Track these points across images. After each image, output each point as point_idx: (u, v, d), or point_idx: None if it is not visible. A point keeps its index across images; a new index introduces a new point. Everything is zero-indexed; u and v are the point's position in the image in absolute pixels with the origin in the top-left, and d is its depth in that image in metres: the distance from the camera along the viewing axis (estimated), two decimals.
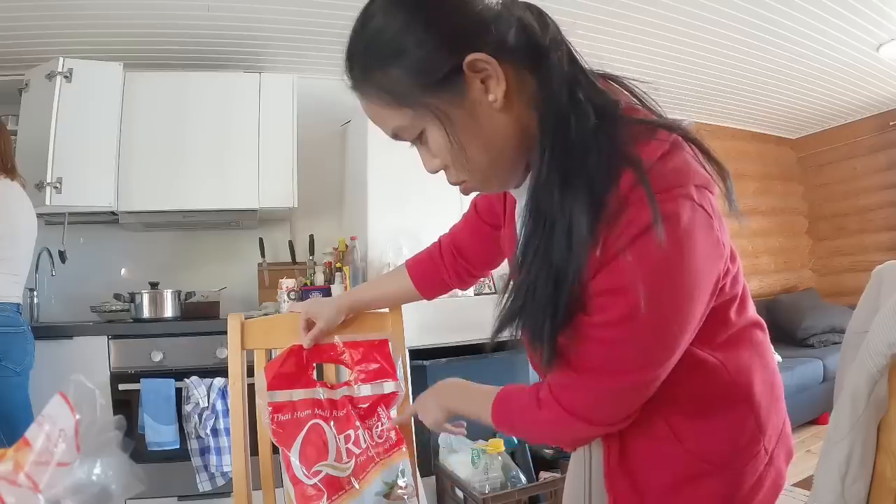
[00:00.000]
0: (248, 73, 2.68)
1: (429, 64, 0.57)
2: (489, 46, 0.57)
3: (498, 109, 0.60)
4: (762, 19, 2.71)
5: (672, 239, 0.56)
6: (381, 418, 1.02)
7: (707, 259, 0.60)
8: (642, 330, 0.60)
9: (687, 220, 0.57)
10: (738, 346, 0.72)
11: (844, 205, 4.57)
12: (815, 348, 3.66)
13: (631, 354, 0.62)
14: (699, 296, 0.61)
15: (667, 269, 0.57)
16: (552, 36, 0.64)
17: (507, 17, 0.61)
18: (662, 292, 0.58)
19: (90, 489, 0.57)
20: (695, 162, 0.64)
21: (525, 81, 0.61)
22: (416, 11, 0.57)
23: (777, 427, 0.75)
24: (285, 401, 0.98)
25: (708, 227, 0.60)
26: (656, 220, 0.55)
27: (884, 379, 0.80)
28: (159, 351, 2.18)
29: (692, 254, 0.58)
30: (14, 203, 1.84)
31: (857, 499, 0.81)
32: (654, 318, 0.58)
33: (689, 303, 0.60)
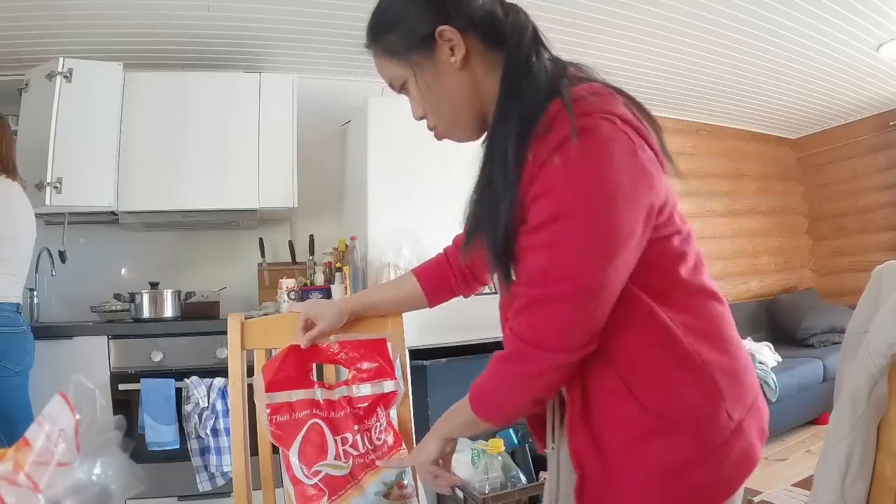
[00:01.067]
0: (248, 73, 2.68)
1: (413, 30, 0.76)
2: (458, 22, 0.75)
3: (457, 69, 0.77)
4: (762, 19, 2.71)
5: (589, 146, 0.65)
6: (379, 418, 1.02)
7: (628, 174, 0.66)
8: (571, 231, 0.66)
9: (605, 134, 0.66)
10: (694, 310, 0.76)
11: (844, 205, 4.57)
12: (815, 348, 3.66)
13: (565, 258, 0.67)
14: (624, 206, 0.66)
15: (585, 173, 0.65)
16: (517, 22, 0.79)
17: (476, 4, 0.77)
18: (583, 193, 0.65)
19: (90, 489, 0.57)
20: (628, 112, 0.72)
21: (487, 52, 0.78)
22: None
23: (744, 398, 0.75)
24: (283, 402, 0.98)
25: (630, 150, 0.67)
26: (573, 131, 0.65)
27: (884, 379, 0.80)
28: (159, 351, 2.18)
29: (609, 162, 0.65)
30: (14, 203, 1.84)
31: (857, 499, 0.81)
32: (580, 219, 0.65)
33: (613, 207, 0.65)
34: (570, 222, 0.66)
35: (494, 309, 0.89)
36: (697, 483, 0.72)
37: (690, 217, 4.20)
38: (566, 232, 0.66)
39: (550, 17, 2.61)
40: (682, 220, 0.80)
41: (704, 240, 4.29)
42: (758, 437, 0.76)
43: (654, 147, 0.74)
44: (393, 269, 2.42)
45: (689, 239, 0.80)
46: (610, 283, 0.68)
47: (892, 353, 0.77)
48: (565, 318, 0.69)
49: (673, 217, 0.77)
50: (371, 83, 3.13)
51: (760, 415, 0.78)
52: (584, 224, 0.65)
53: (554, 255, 0.67)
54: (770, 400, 2.97)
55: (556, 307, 0.68)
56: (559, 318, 0.69)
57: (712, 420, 0.72)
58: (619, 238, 0.66)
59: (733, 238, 4.45)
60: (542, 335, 0.70)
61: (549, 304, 0.69)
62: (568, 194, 0.65)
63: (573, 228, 0.66)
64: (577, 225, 0.65)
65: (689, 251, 0.79)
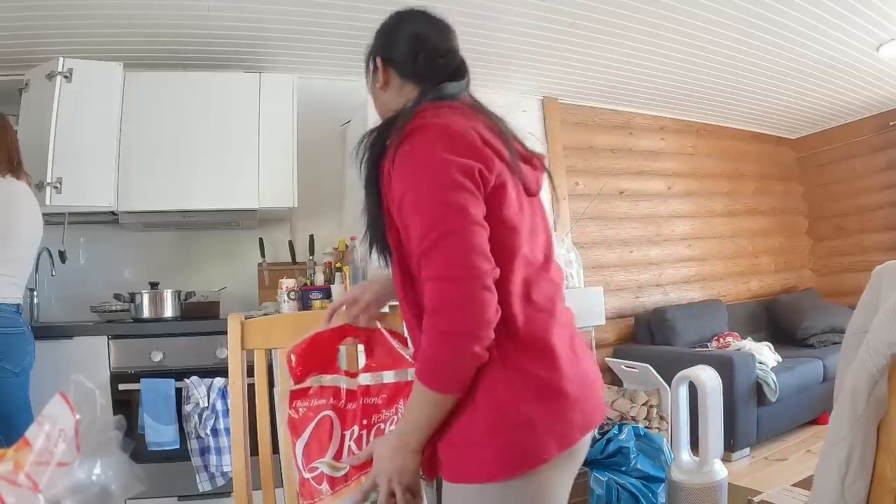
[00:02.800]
0: (248, 73, 2.68)
1: (370, 57, 1.09)
2: (388, 58, 1.05)
3: (380, 89, 1.06)
4: (762, 19, 2.71)
5: (419, 139, 0.87)
6: (399, 411, 0.98)
7: (436, 168, 0.84)
8: (418, 199, 0.84)
9: (430, 137, 0.87)
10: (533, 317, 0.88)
11: (844, 205, 4.57)
12: (815, 348, 3.66)
13: (423, 220, 0.83)
14: (446, 184, 0.83)
15: (414, 158, 0.86)
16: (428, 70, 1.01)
17: (403, 51, 1.03)
18: (418, 172, 0.85)
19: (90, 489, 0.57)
20: (474, 126, 0.90)
21: (404, 82, 1.03)
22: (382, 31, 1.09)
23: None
24: (307, 387, 0.97)
25: (444, 150, 0.85)
26: (402, 138, 0.88)
27: (884, 379, 0.80)
28: (159, 351, 2.18)
29: (431, 152, 0.85)
30: (19, 203, 1.83)
31: (857, 499, 0.81)
32: (419, 190, 0.84)
33: (439, 182, 0.83)
34: (416, 195, 0.85)
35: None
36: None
37: (690, 217, 4.22)
38: (417, 201, 0.85)
39: (550, 17, 2.61)
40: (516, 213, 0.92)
41: (704, 240, 4.30)
42: (555, 441, 0.84)
43: (496, 153, 0.90)
44: None
45: (536, 242, 0.96)
46: (459, 237, 0.83)
47: (892, 353, 0.77)
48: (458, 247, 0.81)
49: (507, 216, 0.90)
50: None
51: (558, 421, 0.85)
52: (423, 193, 0.84)
53: (415, 218, 0.85)
54: (770, 400, 2.97)
55: (447, 242, 0.81)
56: (454, 249, 0.81)
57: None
58: (451, 202, 0.83)
59: (733, 238, 4.45)
60: (451, 263, 0.81)
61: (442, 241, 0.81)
62: (409, 175, 0.86)
63: (418, 197, 0.85)
64: (418, 194, 0.85)
65: (534, 256, 0.95)
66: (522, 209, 0.92)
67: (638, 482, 2.23)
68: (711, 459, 2.09)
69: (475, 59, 3.01)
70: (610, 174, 3.91)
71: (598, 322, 2.92)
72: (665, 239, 4.11)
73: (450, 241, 0.81)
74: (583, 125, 3.85)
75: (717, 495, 2.06)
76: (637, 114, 4.05)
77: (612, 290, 3.78)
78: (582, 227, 3.73)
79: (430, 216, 0.82)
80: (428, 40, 1.03)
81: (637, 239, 3.98)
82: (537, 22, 2.66)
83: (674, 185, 4.19)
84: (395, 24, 1.08)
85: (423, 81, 1.00)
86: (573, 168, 3.76)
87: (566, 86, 3.53)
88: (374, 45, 1.08)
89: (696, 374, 2.19)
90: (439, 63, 1.02)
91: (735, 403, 2.86)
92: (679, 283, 4.14)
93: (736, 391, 2.88)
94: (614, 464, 2.26)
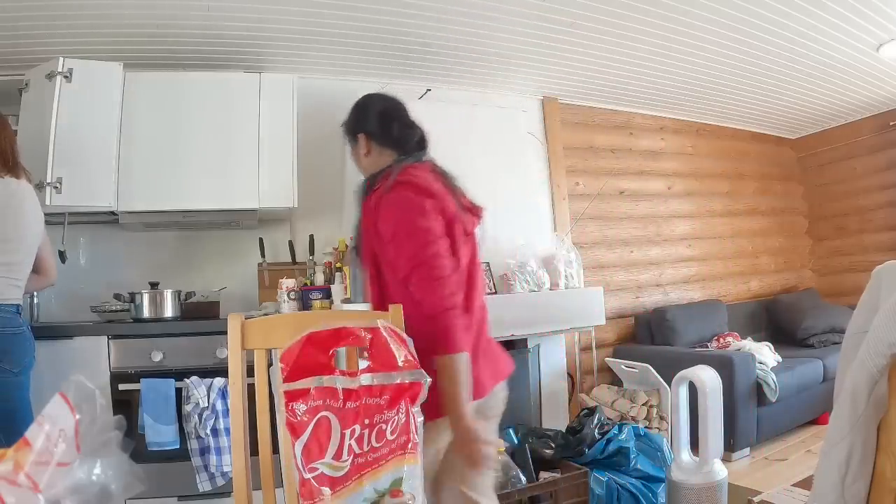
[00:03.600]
0: (248, 73, 2.68)
1: (349, 130, 1.45)
2: (368, 132, 1.40)
3: (364, 156, 1.41)
4: (762, 19, 2.71)
5: (405, 190, 1.25)
6: (400, 412, 0.98)
7: (418, 215, 1.23)
8: (400, 239, 1.23)
9: (412, 189, 1.26)
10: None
11: (844, 205, 4.57)
12: (815, 348, 3.66)
13: (405, 252, 1.22)
14: (414, 230, 1.21)
15: (395, 210, 1.25)
16: (399, 138, 1.39)
17: (376, 125, 1.40)
18: (398, 221, 1.23)
19: (90, 489, 0.57)
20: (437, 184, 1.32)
21: (383, 149, 1.39)
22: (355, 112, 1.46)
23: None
24: (301, 389, 0.96)
25: (423, 192, 1.26)
26: (390, 188, 1.26)
27: (884, 379, 0.80)
28: (159, 351, 2.18)
29: (407, 207, 1.24)
30: (23, 204, 1.83)
31: (857, 499, 0.81)
32: (399, 233, 1.23)
33: (412, 227, 1.22)
34: (398, 236, 1.23)
35: (494, 310, 0.90)
36: None
37: (690, 217, 4.22)
38: (400, 240, 1.23)
39: (550, 17, 2.62)
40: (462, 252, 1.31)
41: (704, 240, 4.30)
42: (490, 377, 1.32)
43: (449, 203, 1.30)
44: None
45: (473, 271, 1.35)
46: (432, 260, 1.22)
47: (892, 353, 0.77)
48: (424, 279, 1.21)
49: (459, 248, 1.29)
50: (371, 83, 3.13)
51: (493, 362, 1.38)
52: (402, 236, 1.22)
53: (401, 251, 1.23)
54: (770, 400, 2.97)
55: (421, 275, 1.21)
56: (424, 279, 1.21)
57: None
58: (423, 242, 1.22)
59: (733, 238, 4.45)
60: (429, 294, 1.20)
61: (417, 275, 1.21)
62: (393, 222, 1.24)
63: (399, 237, 1.23)
64: (400, 235, 1.23)
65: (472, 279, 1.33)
66: (465, 247, 1.32)
67: (638, 482, 2.23)
68: (711, 459, 2.09)
69: (475, 59, 3.04)
70: (610, 174, 3.91)
71: (598, 322, 2.93)
72: (665, 239, 4.11)
73: (425, 277, 1.21)
74: (583, 125, 3.85)
75: (717, 495, 2.06)
76: (637, 114, 4.05)
77: (612, 290, 3.78)
78: (582, 227, 3.73)
79: (413, 244, 1.22)
80: (393, 116, 1.42)
81: (637, 239, 3.98)
82: (537, 22, 2.66)
83: (674, 185, 4.19)
84: (365, 105, 1.46)
85: (398, 147, 1.38)
86: (573, 168, 3.76)
87: (566, 86, 3.53)
88: (351, 123, 1.44)
89: (696, 374, 2.19)
90: (408, 133, 1.40)
91: (735, 403, 2.86)
92: (679, 283, 4.14)
93: (736, 391, 2.88)
94: (614, 464, 2.26)
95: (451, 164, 1.51)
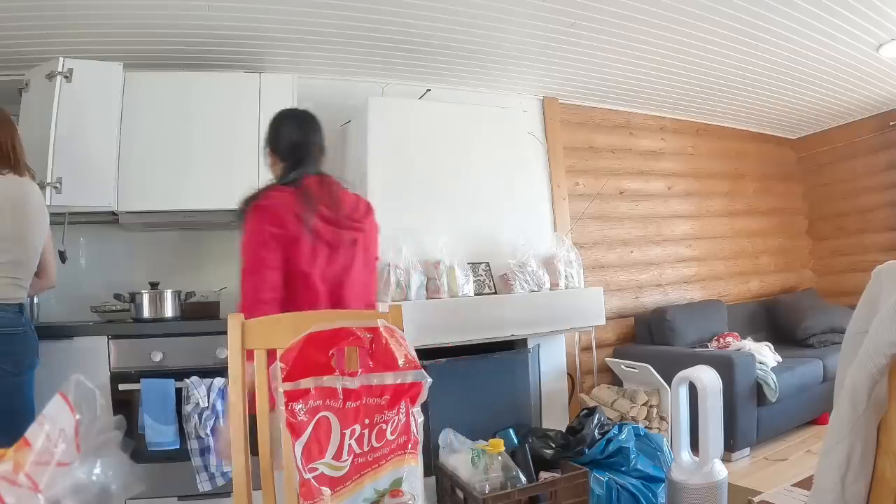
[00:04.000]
0: (248, 73, 2.68)
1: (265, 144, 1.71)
2: (274, 147, 1.67)
3: (270, 166, 1.69)
4: (762, 19, 2.71)
5: (251, 214, 1.53)
6: (400, 412, 0.98)
7: (254, 232, 1.51)
8: (243, 254, 1.51)
9: (253, 215, 1.52)
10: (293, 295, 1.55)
11: (844, 205, 4.57)
12: (815, 348, 3.66)
13: (245, 261, 1.50)
14: (258, 245, 1.49)
15: (246, 227, 1.52)
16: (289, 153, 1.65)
17: (276, 142, 1.67)
18: (244, 240, 1.52)
19: (90, 489, 0.57)
20: (281, 200, 1.55)
21: (278, 163, 1.67)
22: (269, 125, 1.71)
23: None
24: (301, 389, 0.96)
25: (264, 221, 1.50)
26: (250, 208, 1.55)
27: (884, 379, 0.80)
28: (159, 351, 2.18)
29: (250, 227, 1.51)
30: (28, 202, 1.83)
31: (857, 499, 0.81)
32: (243, 247, 1.51)
33: (250, 244, 1.50)
34: (242, 251, 1.52)
35: (494, 310, 0.90)
36: None
37: (690, 217, 4.23)
38: (243, 254, 1.52)
39: (550, 17, 2.62)
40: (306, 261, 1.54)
41: (704, 240, 4.30)
42: None
43: (291, 226, 1.52)
44: (393, 268, 2.43)
45: (298, 265, 1.55)
46: (261, 272, 1.51)
47: (892, 353, 0.77)
48: (246, 282, 1.51)
49: (289, 254, 1.52)
50: (371, 83, 3.13)
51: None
52: (245, 250, 1.51)
53: (243, 258, 1.53)
54: (770, 400, 2.97)
55: (244, 279, 1.52)
56: (246, 281, 1.51)
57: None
58: (257, 258, 1.50)
59: (733, 238, 4.45)
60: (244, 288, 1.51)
61: (243, 281, 1.52)
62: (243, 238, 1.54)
63: (243, 251, 1.52)
64: (243, 250, 1.52)
65: (308, 274, 1.56)
66: (317, 256, 1.53)
67: (638, 482, 2.23)
68: (711, 459, 2.09)
69: (475, 59, 3.03)
70: (610, 174, 3.92)
71: (598, 322, 2.93)
72: (665, 239, 4.11)
73: (247, 279, 1.50)
74: (583, 125, 3.85)
75: (717, 495, 2.06)
76: (637, 114, 4.05)
77: (612, 290, 3.78)
78: (582, 227, 3.73)
79: (245, 260, 1.50)
80: (288, 131, 1.65)
81: (637, 239, 3.98)
82: (537, 22, 2.66)
83: (674, 185, 4.19)
84: (273, 119, 1.70)
85: (287, 160, 1.63)
86: (573, 168, 3.77)
87: (566, 86, 3.53)
88: (266, 137, 1.69)
89: (696, 374, 2.19)
90: (297, 148, 1.63)
91: (735, 403, 2.86)
92: (679, 283, 4.14)
93: (736, 391, 2.88)
94: (614, 464, 2.26)
95: (449, 165, 1.51)
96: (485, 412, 2.62)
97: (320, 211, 1.53)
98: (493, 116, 3.02)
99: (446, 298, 2.51)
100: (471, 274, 2.63)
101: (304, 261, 1.49)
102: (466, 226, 2.76)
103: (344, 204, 1.61)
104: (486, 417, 2.56)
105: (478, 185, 2.84)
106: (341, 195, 1.62)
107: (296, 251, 1.48)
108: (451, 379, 2.53)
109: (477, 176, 2.84)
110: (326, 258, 1.54)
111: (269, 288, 1.46)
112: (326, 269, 1.54)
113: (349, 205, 1.63)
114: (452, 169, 2.78)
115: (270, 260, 1.46)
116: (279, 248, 1.47)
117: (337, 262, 1.56)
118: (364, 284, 1.66)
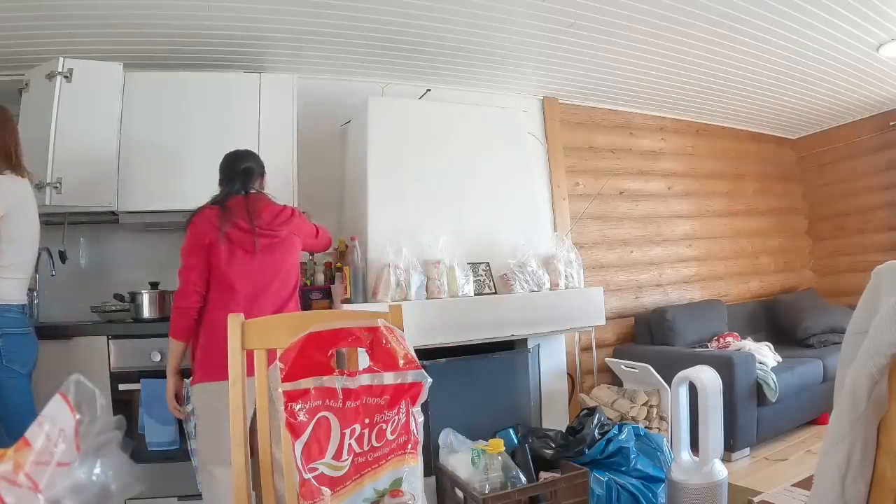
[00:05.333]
0: (248, 73, 2.68)
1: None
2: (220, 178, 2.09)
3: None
4: (762, 19, 2.71)
5: (187, 229, 1.91)
6: (400, 412, 0.98)
7: (186, 240, 1.89)
8: (180, 257, 1.90)
9: (188, 228, 1.90)
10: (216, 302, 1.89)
11: (844, 205, 4.57)
12: (815, 348, 3.66)
13: (181, 262, 1.89)
14: (187, 253, 1.88)
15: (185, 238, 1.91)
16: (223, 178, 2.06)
17: (220, 176, 2.08)
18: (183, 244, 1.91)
19: (90, 489, 0.57)
20: (206, 216, 1.91)
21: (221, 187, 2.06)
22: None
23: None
24: (300, 389, 0.96)
25: (192, 233, 1.89)
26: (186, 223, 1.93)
27: (884, 379, 0.80)
28: (159, 351, 2.18)
29: (186, 236, 1.89)
30: (31, 204, 1.85)
31: (856, 499, 0.81)
32: (181, 252, 1.90)
33: (183, 250, 1.89)
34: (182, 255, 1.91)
35: (494, 310, 0.90)
36: None
37: (690, 217, 4.23)
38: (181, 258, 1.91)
39: (550, 17, 2.62)
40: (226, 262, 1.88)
41: (704, 240, 4.30)
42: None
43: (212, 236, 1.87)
44: (393, 269, 2.42)
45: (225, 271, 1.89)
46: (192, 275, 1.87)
47: (892, 353, 0.77)
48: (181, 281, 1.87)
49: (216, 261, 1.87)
50: (371, 83, 3.13)
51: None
52: (182, 254, 1.89)
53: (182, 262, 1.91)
54: (770, 400, 2.97)
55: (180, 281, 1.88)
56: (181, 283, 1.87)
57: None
58: (190, 264, 1.87)
59: (733, 238, 4.45)
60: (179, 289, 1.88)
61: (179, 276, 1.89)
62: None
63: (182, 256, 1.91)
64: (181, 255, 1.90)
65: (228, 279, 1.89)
66: (233, 257, 1.87)
67: (638, 482, 2.23)
68: (711, 459, 2.09)
69: (475, 59, 3.03)
70: (610, 174, 3.92)
71: (598, 322, 2.92)
72: (665, 239, 4.11)
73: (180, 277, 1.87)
74: (583, 125, 3.85)
75: (717, 495, 2.06)
76: (637, 114, 4.05)
77: (612, 290, 3.79)
78: (582, 227, 3.74)
79: (181, 261, 1.88)
80: (223, 166, 2.07)
81: (637, 239, 3.99)
82: (537, 22, 2.66)
83: (674, 185, 4.20)
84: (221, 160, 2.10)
85: (220, 186, 2.03)
86: (573, 168, 3.77)
87: (566, 86, 3.53)
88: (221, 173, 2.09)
89: (696, 374, 2.19)
90: (224, 177, 2.04)
91: (735, 403, 2.86)
92: (679, 283, 4.14)
93: (736, 391, 2.88)
94: (614, 464, 2.26)
95: (449, 164, 1.50)
96: (485, 412, 2.62)
97: (236, 222, 1.88)
98: (493, 116, 3.02)
99: (446, 298, 2.51)
100: (471, 274, 2.63)
101: (223, 262, 1.85)
102: (466, 226, 2.76)
103: (264, 214, 1.94)
104: (486, 417, 2.56)
105: (478, 185, 2.84)
106: (261, 208, 1.95)
107: (216, 254, 1.85)
108: (451, 379, 2.53)
109: (477, 176, 2.84)
110: (242, 259, 1.88)
111: (192, 282, 1.85)
112: (242, 268, 1.88)
113: (269, 215, 1.95)
114: (452, 169, 2.78)
115: (194, 262, 1.85)
116: (202, 253, 1.85)
117: (253, 262, 1.89)
118: (282, 280, 1.97)
